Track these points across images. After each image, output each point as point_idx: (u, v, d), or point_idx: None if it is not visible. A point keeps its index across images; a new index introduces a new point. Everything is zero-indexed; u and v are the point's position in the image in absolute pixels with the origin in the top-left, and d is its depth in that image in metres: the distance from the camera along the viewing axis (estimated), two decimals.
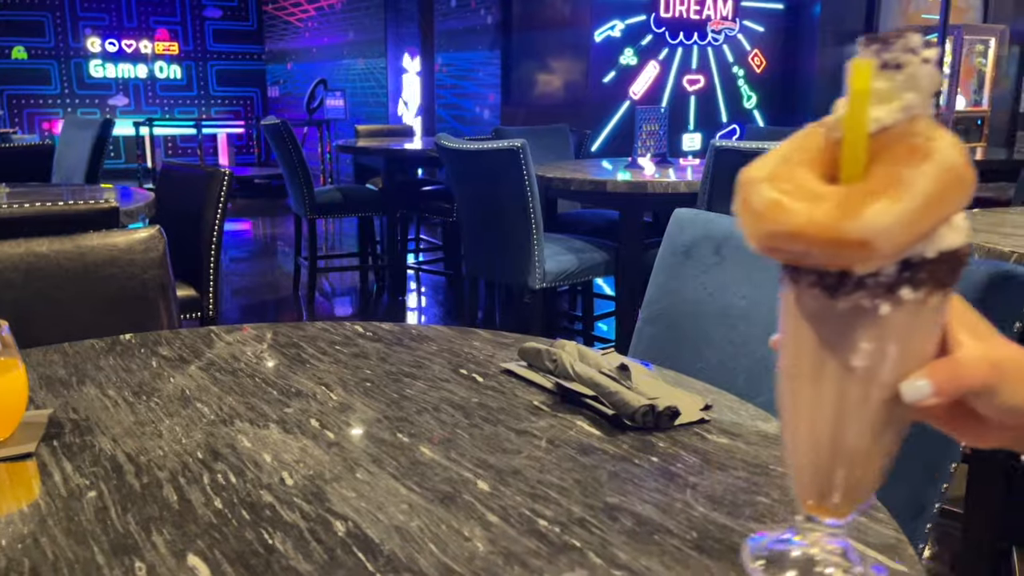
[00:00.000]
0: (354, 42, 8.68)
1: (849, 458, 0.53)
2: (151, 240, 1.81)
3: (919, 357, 0.50)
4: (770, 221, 0.45)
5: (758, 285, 1.21)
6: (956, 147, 0.45)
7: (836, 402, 0.51)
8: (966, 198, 0.45)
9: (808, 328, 0.50)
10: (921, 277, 0.47)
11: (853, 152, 0.46)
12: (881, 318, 0.48)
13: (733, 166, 2.97)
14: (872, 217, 0.42)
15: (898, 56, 0.46)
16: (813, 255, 0.45)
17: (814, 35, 7.12)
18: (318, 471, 0.86)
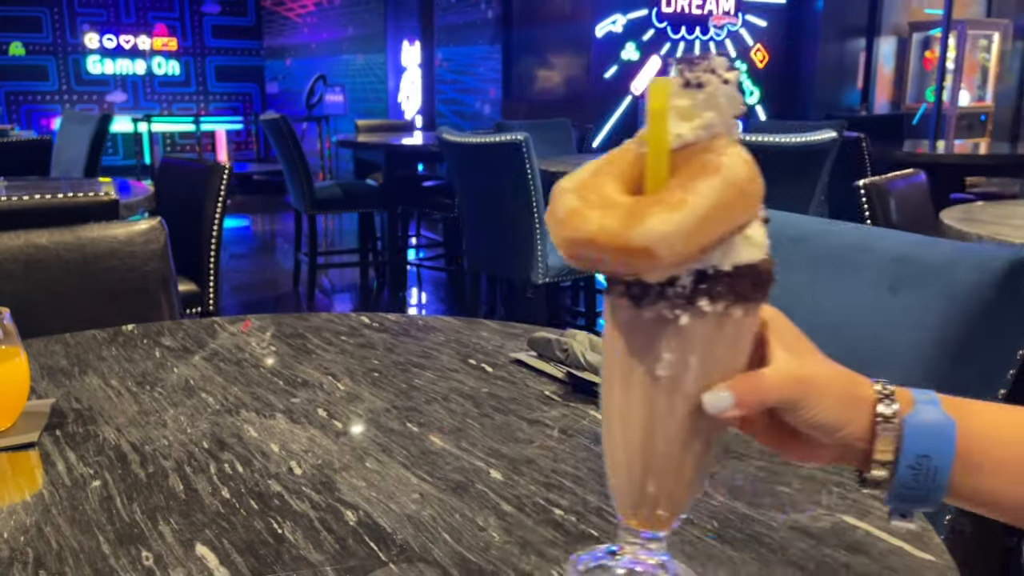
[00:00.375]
0: (353, 37, 8.65)
1: (660, 469, 0.53)
2: (152, 232, 1.79)
3: (723, 369, 0.51)
4: (568, 228, 0.47)
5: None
6: (745, 164, 0.47)
7: (644, 412, 0.52)
8: (750, 212, 0.47)
9: (620, 337, 0.52)
10: (719, 290, 0.48)
11: (655, 166, 0.48)
12: (682, 328, 0.49)
13: None
14: (654, 225, 0.44)
15: (700, 76, 0.48)
16: (607, 262, 0.46)
17: (816, 29, 7.10)
18: (327, 460, 0.84)
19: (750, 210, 0.47)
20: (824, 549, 0.67)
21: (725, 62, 0.49)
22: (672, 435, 0.52)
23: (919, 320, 0.98)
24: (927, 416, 0.52)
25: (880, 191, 2.27)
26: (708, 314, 0.49)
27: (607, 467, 0.57)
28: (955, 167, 4.45)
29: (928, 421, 0.52)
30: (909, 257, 1.04)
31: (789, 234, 1.21)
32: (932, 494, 0.52)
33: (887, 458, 0.53)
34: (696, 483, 0.55)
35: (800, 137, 3.03)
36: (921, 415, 0.52)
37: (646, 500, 0.54)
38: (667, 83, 0.48)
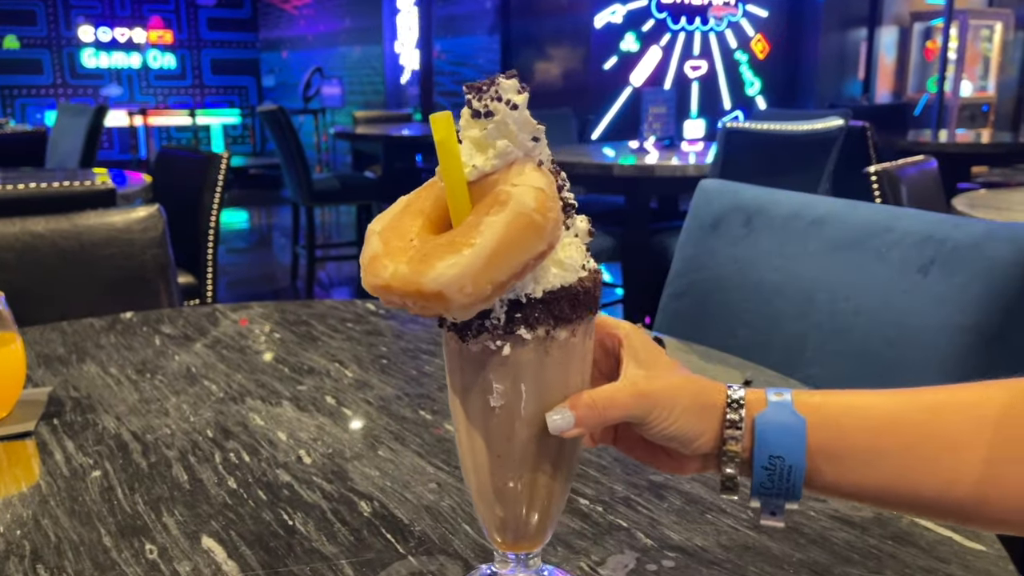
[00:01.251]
0: (350, 29, 8.58)
1: (514, 495, 0.52)
2: (150, 219, 1.75)
3: (560, 390, 0.50)
4: (369, 274, 0.47)
5: (792, 257, 1.16)
6: (533, 192, 0.46)
7: (487, 441, 0.51)
8: (542, 241, 0.45)
9: (456, 371, 0.52)
10: (536, 316, 0.48)
11: (455, 200, 0.48)
12: (507, 358, 0.49)
13: (744, 148, 2.91)
14: (442, 270, 0.44)
15: (487, 104, 0.48)
16: (410, 306, 0.45)
17: (818, 19, 7.05)
18: (337, 449, 0.80)
19: (543, 238, 0.46)
20: (868, 539, 0.64)
21: (515, 85, 0.48)
22: (518, 461, 0.51)
23: (953, 301, 0.94)
24: (777, 417, 0.51)
25: (892, 178, 2.23)
26: (529, 341, 0.48)
27: (471, 496, 0.55)
28: (961, 156, 4.42)
29: (778, 422, 0.51)
30: (936, 237, 1.00)
31: (807, 216, 1.18)
32: (792, 492, 0.51)
33: (738, 462, 0.52)
34: (557, 501, 0.54)
35: (808, 125, 2.99)
36: (771, 417, 0.51)
37: (507, 526, 0.54)
38: (447, 116, 0.47)
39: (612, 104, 6.62)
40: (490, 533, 0.55)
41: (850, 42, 7.36)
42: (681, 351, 0.97)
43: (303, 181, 4.69)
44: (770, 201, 1.21)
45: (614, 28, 6.58)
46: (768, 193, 1.23)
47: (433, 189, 0.51)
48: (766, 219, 1.20)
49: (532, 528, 0.54)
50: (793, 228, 1.17)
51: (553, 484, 0.53)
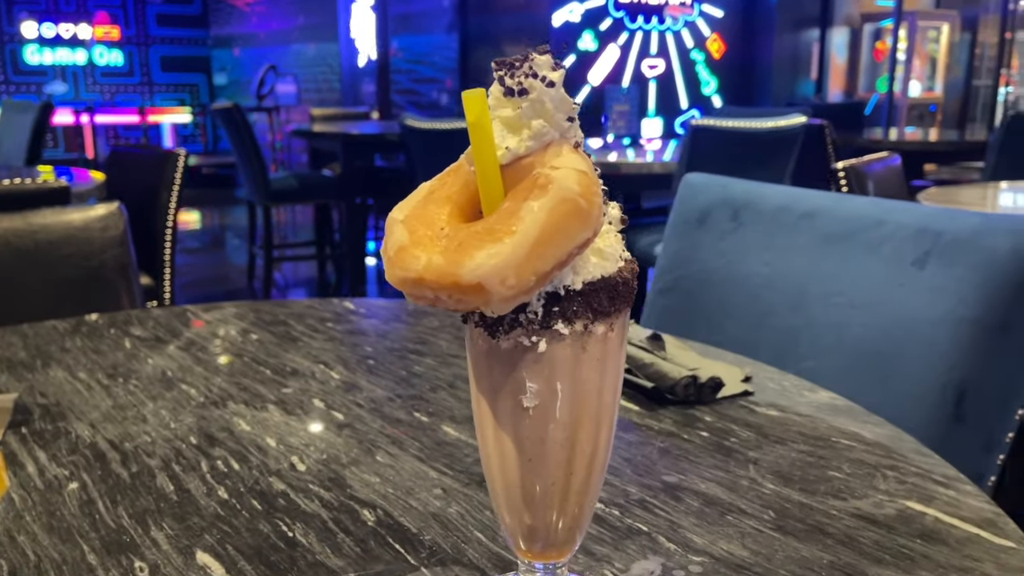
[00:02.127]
0: (304, 26, 8.45)
1: (545, 503, 0.49)
2: (110, 218, 1.68)
3: (596, 390, 0.48)
4: (398, 267, 0.43)
5: (782, 251, 1.14)
6: (576, 175, 0.43)
7: (518, 446, 0.48)
8: (588, 228, 0.43)
9: (483, 370, 0.48)
10: (574, 309, 0.45)
11: (486, 185, 0.45)
12: (542, 355, 0.46)
13: (712, 144, 2.91)
14: (482, 260, 0.41)
15: (521, 81, 0.45)
16: (443, 300, 0.42)
17: (772, 20, 7.13)
18: (332, 455, 0.76)
19: (589, 225, 0.43)
20: (897, 539, 0.62)
21: (549, 61, 0.45)
22: (551, 465, 0.48)
23: (953, 293, 0.93)
24: None
25: (858, 174, 2.25)
26: (567, 336, 0.46)
27: (493, 504, 0.52)
28: (915, 154, 4.49)
29: None
30: (932, 229, 0.99)
31: (797, 210, 1.16)
32: None
33: None
34: (589, 507, 0.51)
35: (771, 122, 3.01)
36: None
37: (536, 535, 0.51)
38: (481, 93, 0.44)
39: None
40: (515, 542, 0.52)
41: (803, 42, 7.46)
42: (679, 348, 0.95)
43: (260, 180, 4.60)
44: (758, 194, 1.19)
45: (572, 27, 6.58)
46: (756, 187, 1.21)
47: (459, 174, 0.48)
48: (754, 213, 1.19)
49: (562, 536, 0.51)
50: (782, 221, 1.16)
51: (586, 488, 0.50)
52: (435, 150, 3.24)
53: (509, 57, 0.46)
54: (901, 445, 0.77)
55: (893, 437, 0.79)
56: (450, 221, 0.45)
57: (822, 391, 0.89)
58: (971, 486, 0.69)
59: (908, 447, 0.76)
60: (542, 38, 6.49)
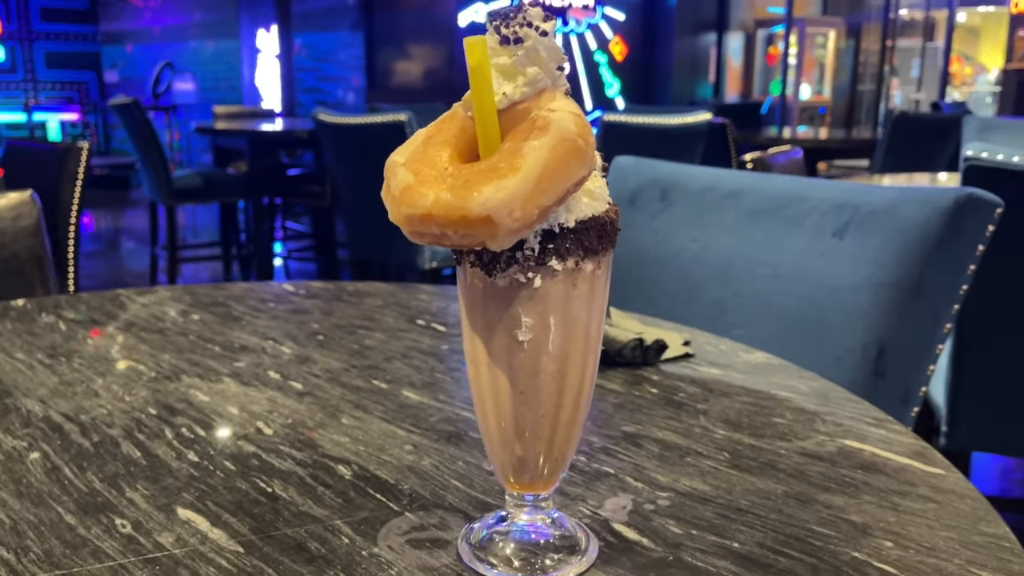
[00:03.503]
0: (202, 23, 8.23)
1: (535, 433, 0.53)
2: (23, 206, 1.62)
3: (584, 323, 0.51)
4: (405, 204, 0.46)
5: (708, 227, 1.20)
6: (572, 118, 0.46)
7: (512, 378, 0.51)
8: (584, 167, 0.46)
9: (478, 309, 0.51)
10: (567, 246, 0.48)
11: (485, 129, 0.47)
12: (537, 290, 0.49)
13: (622, 139, 3.00)
14: (490, 194, 0.43)
15: (517, 31, 0.47)
16: (449, 236, 0.45)
17: (671, 24, 7.35)
18: (298, 419, 0.77)
19: (586, 163, 0.46)
20: (840, 471, 0.67)
21: (541, 12, 0.48)
22: (542, 396, 0.51)
23: (871, 260, 1.00)
24: None
25: (765, 165, 2.36)
26: (560, 272, 0.48)
27: (484, 439, 0.55)
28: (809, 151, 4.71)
29: None
30: (851, 203, 1.07)
31: (723, 188, 1.23)
32: None
33: None
34: (574, 439, 0.55)
35: (678, 119, 3.11)
36: None
37: (525, 466, 0.54)
38: (482, 40, 0.47)
39: None
40: (504, 475, 0.55)
41: (701, 46, 7.72)
42: (622, 317, 0.99)
43: (162, 178, 4.46)
44: (686, 175, 1.25)
45: (478, 27, 6.62)
46: (683, 168, 1.27)
47: (455, 120, 0.50)
48: (682, 192, 1.25)
49: (549, 467, 0.54)
50: (709, 200, 1.22)
51: (573, 420, 0.53)
52: (349, 145, 3.22)
53: (502, 8, 0.49)
54: (833, 395, 0.83)
55: (825, 389, 0.85)
56: (451, 162, 0.48)
57: (757, 352, 0.95)
58: (899, 425, 0.76)
59: (840, 396, 0.83)
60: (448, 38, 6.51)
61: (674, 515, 0.60)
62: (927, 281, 0.96)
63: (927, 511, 0.61)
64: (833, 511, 0.61)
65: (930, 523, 0.59)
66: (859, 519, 0.59)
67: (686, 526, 0.59)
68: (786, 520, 0.59)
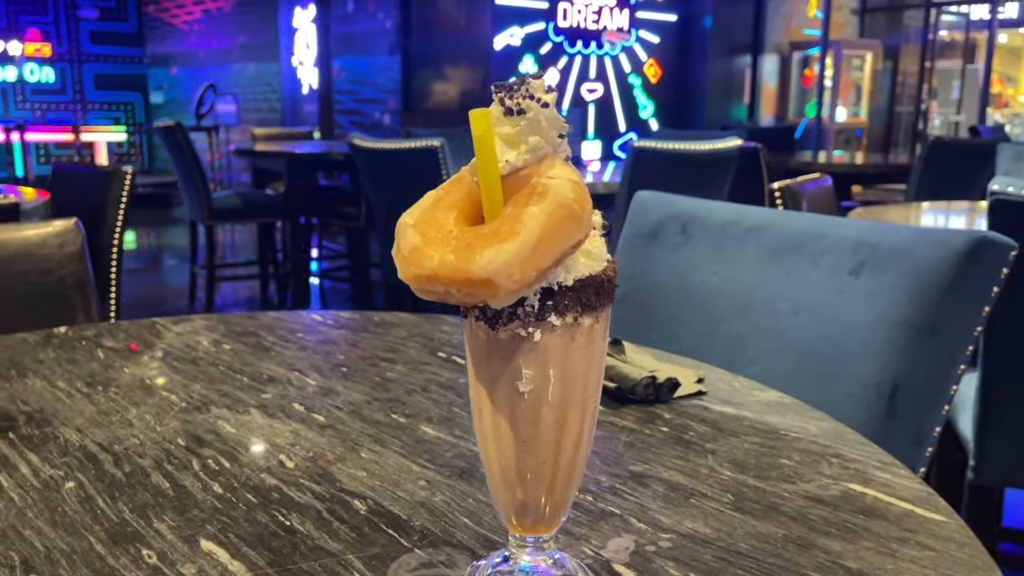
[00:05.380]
0: (245, 45, 8.42)
1: (537, 479, 0.55)
2: (67, 234, 1.68)
3: (583, 375, 0.54)
4: (413, 265, 0.48)
5: (729, 261, 1.22)
6: (570, 185, 0.49)
7: (514, 427, 0.54)
8: (581, 230, 0.49)
9: (482, 360, 0.54)
10: (566, 303, 0.51)
11: (488, 194, 0.50)
12: (537, 344, 0.51)
13: (653, 164, 3.02)
14: (491, 257, 0.46)
15: (520, 102, 0.50)
16: (453, 294, 0.47)
17: (706, 47, 7.37)
18: (318, 452, 0.80)
19: (582, 227, 0.49)
20: (842, 515, 0.69)
21: (543, 84, 0.51)
22: (542, 444, 0.54)
23: (885, 298, 1.02)
24: None
25: (793, 193, 2.37)
26: (559, 327, 0.51)
27: (488, 481, 0.58)
28: (843, 176, 4.69)
29: None
30: (868, 241, 1.08)
31: (744, 223, 1.24)
32: None
33: None
34: (574, 484, 0.57)
35: (709, 144, 3.13)
36: None
37: (527, 509, 0.56)
38: (485, 112, 0.50)
39: None
40: (507, 517, 0.57)
41: (735, 68, 7.72)
42: (637, 352, 1.01)
43: (202, 199, 4.57)
44: (706, 210, 1.27)
45: (513, 50, 6.70)
46: (703, 203, 1.30)
47: (462, 184, 0.53)
48: (703, 227, 1.27)
49: (550, 511, 0.57)
50: (730, 235, 1.24)
51: (573, 466, 0.56)
52: (382, 170, 3.28)
53: (506, 82, 0.52)
54: (843, 436, 0.84)
55: (836, 430, 0.86)
56: (457, 225, 0.51)
57: (770, 390, 0.97)
58: (905, 470, 0.77)
59: (849, 438, 0.84)
60: (483, 61, 6.59)
61: (675, 557, 0.62)
62: (942, 321, 0.97)
63: (924, 559, 0.62)
64: (831, 556, 0.62)
65: (926, 571, 0.60)
66: (856, 565, 0.61)
67: (685, 568, 0.61)
68: (784, 565, 0.61)
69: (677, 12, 7.39)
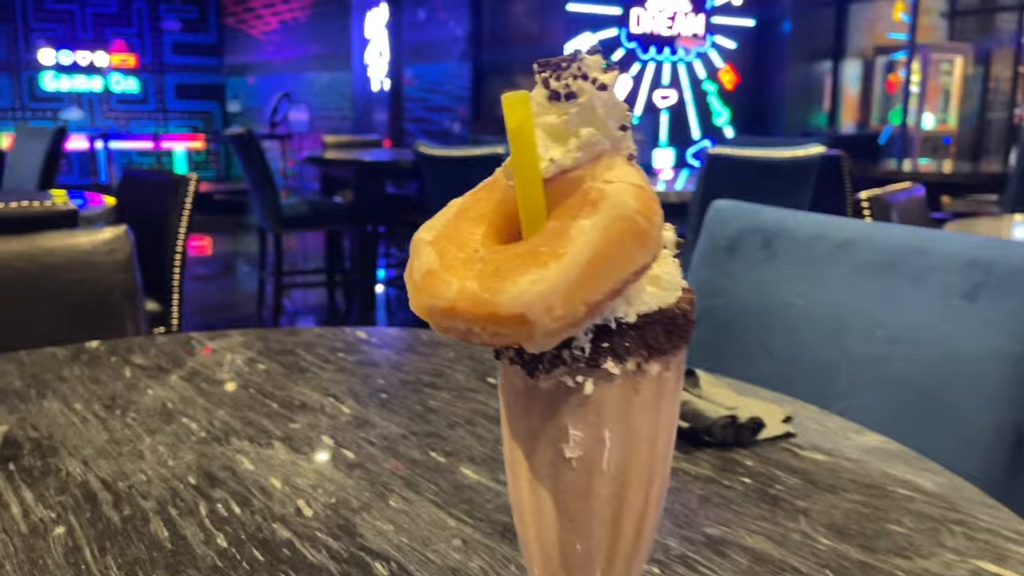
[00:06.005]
0: (318, 55, 8.50)
1: (585, 565, 0.43)
2: (117, 241, 1.63)
3: (649, 438, 0.41)
4: (426, 294, 0.38)
5: (818, 282, 1.08)
6: (633, 191, 0.37)
7: (558, 501, 0.42)
8: (646, 251, 0.37)
9: (518, 413, 0.42)
10: (627, 345, 0.39)
11: (527, 202, 0.39)
12: (589, 398, 0.40)
13: (729, 173, 2.87)
14: (525, 287, 0.35)
15: (569, 84, 0.39)
16: (477, 333, 0.37)
17: (784, 52, 7.12)
18: (342, 498, 0.70)
19: (648, 247, 0.37)
20: None
21: (600, 61, 0.39)
22: (595, 525, 0.42)
23: (1006, 328, 0.87)
24: None
25: (882, 204, 2.19)
26: (617, 376, 0.39)
27: (524, 559, 0.46)
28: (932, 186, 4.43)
29: None
30: (982, 260, 0.93)
31: (834, 238, 1.10)
32: None
33: None
34: (637, 569, 0.45)
35: (788, 152, 2.96)
36: None
37: None
38: (524, 96, 0.39)
39: None
40: None
41: (815, 74, 7.45)
42: (714, 385, 0.89)
43: (272, 206, 4.57)
44: (792, 222, 1.14)
45: None
46: (788, 214, 1.16)
47: (495, 190, 0.42)
48: (788, 241, 1.13)
49: None
50: (818, 250, 1.10)
51: (635, 551, 0.44)
52: (448, 178, 3.20)
53: (554, 58, 0.41)
54: (964, 496, 0.70)
55: (953, 486, 0.72)
56: (485, 242, 0.39)
57: (870, 433, 0.83)
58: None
59: (972, 498, 0.70)
60: None
61: None
62: None
63: None
64: None
65: None
66: None
67: None
68: None
69: (755, 17, 7.16)
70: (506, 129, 0.39)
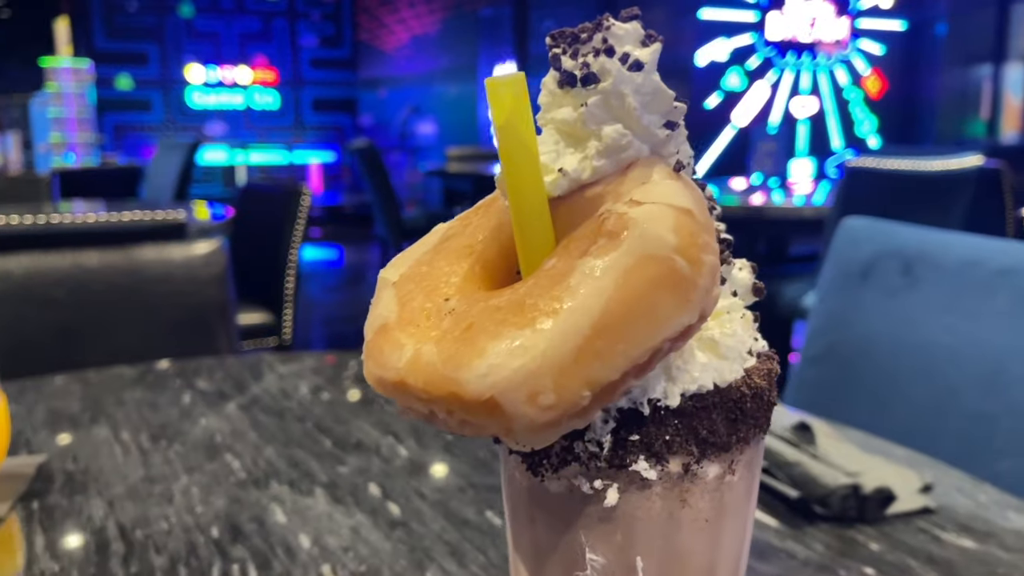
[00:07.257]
0: (447, 68, 8.59)
1: None
2: (212, 255, 1.61)
3: (702, 565, 0.29)
4: (372, 361, 0.28)
5: (970, 316, 0.91)
6: (673, 217, 0.25)
7: None
8: (688, 306, 0.25)
9: (521, 518, 0.32)
10: (667, 440, 0.28)
11: (525, 231, 0.28)
12: (613, 511, 0.28)
13: (871, 187, 2.63)
14: (497, 360, 0.24)
15: (589, 63, 0.28)
16: (441, 419, 0.26)
17: (937, 56, 6.65)
18: (373, 566, 0.60)
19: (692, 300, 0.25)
20: None
21: (637, 30, 0.28)
22: None
23: None
24: None
25: None
26: (654, 482, 0.28)
27: None
28: None
29: None
30: None
31: (991, 264, 0.92)
32: None
33: None
34: None
35: (939, 163, 2.69)
36: None
37: None
38: (514, 81, 0.28)
39: (711, 144, 6.36)
40: None
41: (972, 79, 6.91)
42: (834, 441, 0.74)
43: (393, 218, 4.60)
44: (937, 245, 0.96)
45: (717, 66, 6.34)
46: (934, 235, 0.98)
47: (491, 213, 0.31)
48: (933, 267, 0.96)
49: None
50: (971, 279, 0.92)
51: None
52: None
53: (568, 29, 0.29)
54: None
55: None
56: (462, 287, 0.28)
57: None
58: None
59: None
60: (684, 78, 6.28)
61: None
62: None
63: None
64: None
65: None
66: None
67: None
68: None
69: (906, 19, 6.72)
70: (493, 128, 0.28)
